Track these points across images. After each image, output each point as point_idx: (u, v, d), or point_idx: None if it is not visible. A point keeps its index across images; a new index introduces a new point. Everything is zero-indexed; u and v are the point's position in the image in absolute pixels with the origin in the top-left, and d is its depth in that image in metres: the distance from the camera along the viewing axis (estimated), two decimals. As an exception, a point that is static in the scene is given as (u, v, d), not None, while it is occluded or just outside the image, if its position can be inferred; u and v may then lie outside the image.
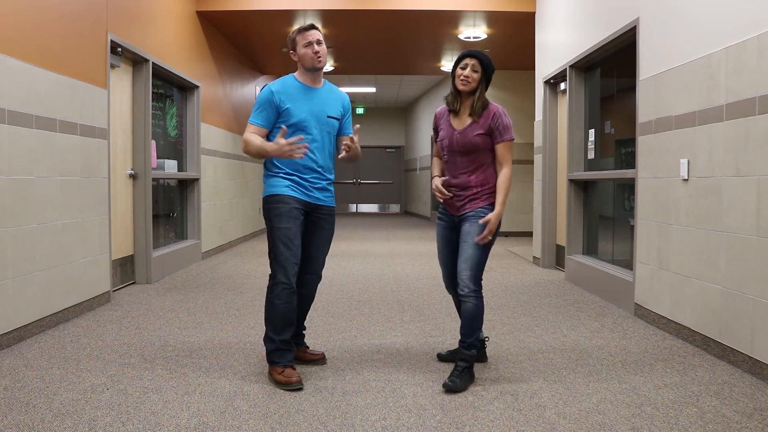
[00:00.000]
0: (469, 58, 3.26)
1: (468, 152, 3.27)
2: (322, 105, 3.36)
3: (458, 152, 3.29)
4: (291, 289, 3.24)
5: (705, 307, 3.86)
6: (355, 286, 6.09)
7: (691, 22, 4.07)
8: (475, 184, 3.28)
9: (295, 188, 3.27)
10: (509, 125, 3.26)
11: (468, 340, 3.21)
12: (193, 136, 7.82)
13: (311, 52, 3.30)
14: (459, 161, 3.30)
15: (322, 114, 3.35)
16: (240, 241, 10.15)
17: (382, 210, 20.64)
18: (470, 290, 3.19)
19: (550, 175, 7.35)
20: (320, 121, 3.33)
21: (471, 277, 3.20)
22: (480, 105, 3.27)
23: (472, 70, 3.24)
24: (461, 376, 3.15)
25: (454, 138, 3.30)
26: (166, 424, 2.69)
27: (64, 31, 4.60)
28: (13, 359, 3.61)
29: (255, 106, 3.32)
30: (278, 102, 3.27)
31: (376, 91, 16.29)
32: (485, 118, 3.26)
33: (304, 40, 3.31)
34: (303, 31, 3.33)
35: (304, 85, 3.36)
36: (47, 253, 4.31)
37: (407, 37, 9.32)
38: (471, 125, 3.27)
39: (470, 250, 3.21)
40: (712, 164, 3.80)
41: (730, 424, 2.72)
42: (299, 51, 3.32)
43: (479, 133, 3.25)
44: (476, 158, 3.28)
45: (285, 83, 3.34)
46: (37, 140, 4.18)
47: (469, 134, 3.26)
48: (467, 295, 3.20)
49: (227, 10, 7.96)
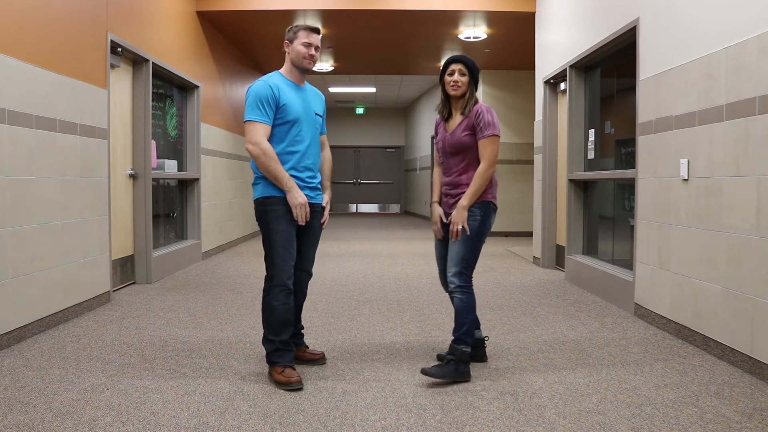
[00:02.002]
0: (455, 64, 3.34)
1: (457, 152, 3.36)
2: (310, 103, 3.39)
3: (449, 153, 3.40)
4: (288, 291, 3.25)
5: (705, 307, 3.86)
6: (355, 286, 6.09)
7: (691, 22, 4.07)
8: (465, 183, 3.35)
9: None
10: (491, 122, 3.27)
11: (455, 334, 3.28)
12: (193, 136, 7.82)
13: (307, 52, 3.30)
14: (451, 161, 3.41)
15: (311, 112, 3.37)
16: (240, 241, 10.16)
17: (382, 210, 20.63)
18: (455, 286, 3.29)
19: (550, 175, 7.35)
20: (310, 119, 3.35)
21: (456, 273, 3.29)
22: (469, 105, 3.35)
23: (459, 75, 3.32)
24: (441, 366, 3.22)
25: (446, 140, 3.41)
26: (166, 424, 2.69)
27: (64, 31, 4.60)
28: (13, 359, 3.61)
29: (253, 102, 3.19)
30: (277, 97, 3.23)
31: (376, 91, 16.28)
32: (470, 117, 3.33)
33: (306, 38, 3.31)
34: (309, 31, 3.32)
35: (293, 83, 3.36)
36: (47, 253, 4.31)
37: (407, 37, 9.31)
38: (459, 125, 3.36)
39: (455, 247, 3.31)
40: (712, 164, 3.80)
41: (730, 424, 2.72)
42: (296, 46, 3.31)
43: (466, 133, 3.33)
44: (465, 157, 3.35)
45: (277, 79, 3.30)
46: (37, 140, 4.18)
47: (457, 134, 3.35)
48: (453, 290, 3.31)
49: (227, 10, 7.96)
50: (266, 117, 3.20)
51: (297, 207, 3.19)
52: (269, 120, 3.22)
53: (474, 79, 3.36)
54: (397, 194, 20.44)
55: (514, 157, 11.46)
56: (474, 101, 3.36)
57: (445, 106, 3.43)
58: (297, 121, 3.27)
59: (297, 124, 3.27)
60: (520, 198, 11.52)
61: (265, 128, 3.20)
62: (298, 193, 3.19)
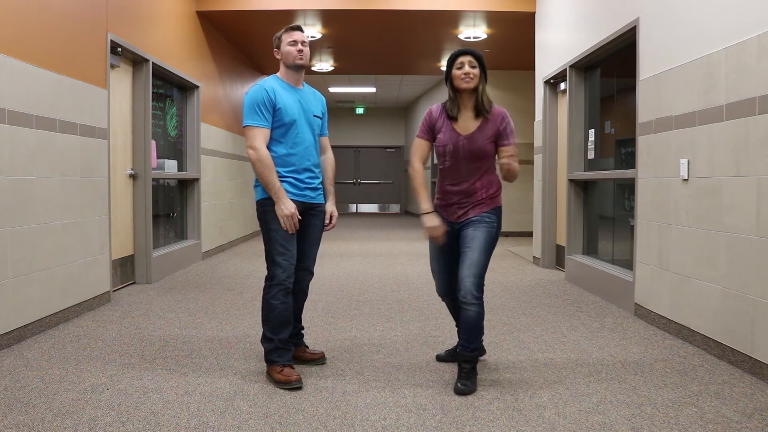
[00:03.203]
0: (463, 56, 3.15)
1: (477, 158, 3.17)
2: (308, 105, 3.40)
3: (465, 158, 3.18)
4: (288, 290, 3.27)
5: (705, 307, 3.86)
6: (355, 286, 6.09)
7: (691, 22, 4.07)
8: (480, 189, 3.20)
9: (290, 190, 3.28)
10: (514, 129, 3.21)
11: (470, 345, 3.15)
12: (193, 136, 7.82)
13: (295, 50, 3.33)
14: (465, 168, 3.19)
15: (310, 113, 3.39)
16: (240, 241, 10.15)
17: (382, 210, 20.64)
18: (473, 297, 3.06)
19: (550, 175, 7.35)
20: (309, 121, 3.37)
21: (475, 284, 3.06)
22: (486, 101, 3.18)
23: (470, 66, 3.14)
24: (470, 377, 3.13)
25: (460, 144, 3.17)
26: (166, 424, 2.69)
27: (64, 31, 4.60)
28: (13, 359, 3.61)
29: (251, 107, 3.23)
30: (274, 100, 3.25)
31: (376, 91, 16.28)
32: (494, 123, 3.17)
33: (289, 38, 3.35)
34: (290, 30, 3.37)
35: (289, 86, 3.37)
36: (47, 253, 4.31)
37: (407, 37, 9.32)
38: (480, 129, 3.18)
39: (475, 256, 3.09)
40: (712, 164, 3.80)
41: (730, 424, 2.72)
42: (283, 49, 3.35)
43: (489, 140, 3.16)
44: (483, 164, 3.20)
45: (273, 83, 3.33)
46: (37, 140, 4.18)
47: (478, 140, 3.16)
48: (470, 302, 3.07)
49: (227, 10, 7.96)
50: (264, 121, 3.24)
51: (284, 218, 3.21)
52: (268, 123, 3.25)
53: (484, 71, 3.18)
54: (397, 194, 20.44)
55: (514, 157, 11.44)
56: (488, 98, 3.19)
57: (454, 104, 3.20)
58: (294, 123, 3.28)
59: (294, 126, 3.28)
60: (520, 198, 11.52)
61: (264, 132, 3.24)
62: (285, 204, 3.20)
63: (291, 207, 3.20)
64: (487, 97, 3.20)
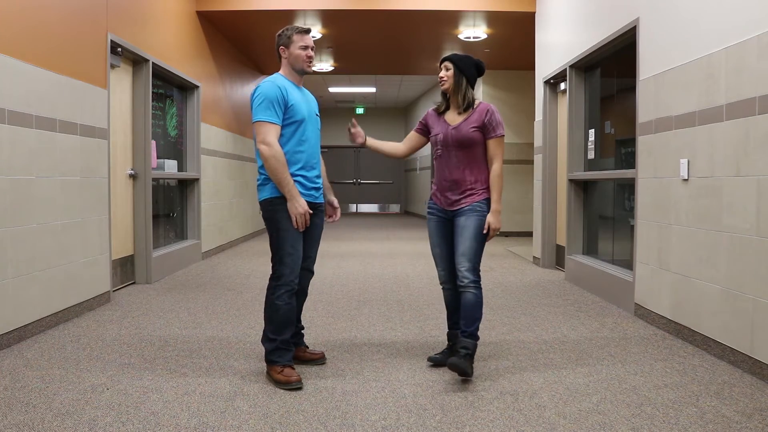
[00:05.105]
0: (443, 63, 3.49)
1: (463, 146, 3.40)
2: (311, 104, 3.43)
3: (453, 146, 3.42)
4: (294, 291, 3.27)
5: (705, 307, 3.86)
6: (355, 286, 6.09)
7: (691, 22, 4.07)
8: (470, 179, 3.41)
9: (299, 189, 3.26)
10: (501, 122, 3.45)
11: (469, 329, 3.30)
12: (193, 136, 7.82)
13: (306, 55, 3.33)
14: (454, 156, 3.43)
15: (313, 113, 3.41)
16: (240, 241, 10.16)
17: (382, 210, 20.63)
18: (470, 281, 3.31)
19: (550, 175, 7.35)
20: (312, 120, 3.39)
21: (470, 268, 3.32)
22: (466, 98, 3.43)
23: (445, 70, 3.46)
24: (465, 357, 3.22)
25: (448, 133, 3.44)
26: (166, 424, 2.69)
27: (64, 31, 4.60)
28: (13, 359, 3.61)
29: (263, 102, 3.18)
30: (286, 98, 3.24)
31: (376, 91, 16.28)
32: (479, 114, 3.42)
33: (302, 41, 3.33)
34: (303, 33, 3.35)
35: (295, 85, 3.38)
36: (47, 253, 4.31)
37: (407, 37, 9.31)
38: (465, 120, 3.42)
39: (467, 243, 3.34)
40: (712, 164, 3.80)
41: (730, 424, 2.72)
42: (293, 50, 3.33)
43: (474, 128, 3.39)
44: (471, 152, 3.41)
45: (282, 80, 3.31)
46: (37, 140, 4.18)
47: (463, 129, 3.41)
48: (467, 285, 3.31)
49: (227, 10, 7.96)
50: (277, 117, 3.21)
51: (298, 216, 3.20)
52: (279, 120, 3.23)
53: (461, 71, 3.43)
54: (397, 194, 20.44)
55: (514, 157, 11.46)
56: (471, 94, 3.45)
57: (444, 102, 3.55)
58: (303, 122, 3.29)
59: (303, 125, 3.29)
60: (520, 198, 11.51)
61: (276, 129, 3.21)
62: (299, 202, 3.20)
63: (305, 205, 3.21)
64: (470, 93, 3.47)
